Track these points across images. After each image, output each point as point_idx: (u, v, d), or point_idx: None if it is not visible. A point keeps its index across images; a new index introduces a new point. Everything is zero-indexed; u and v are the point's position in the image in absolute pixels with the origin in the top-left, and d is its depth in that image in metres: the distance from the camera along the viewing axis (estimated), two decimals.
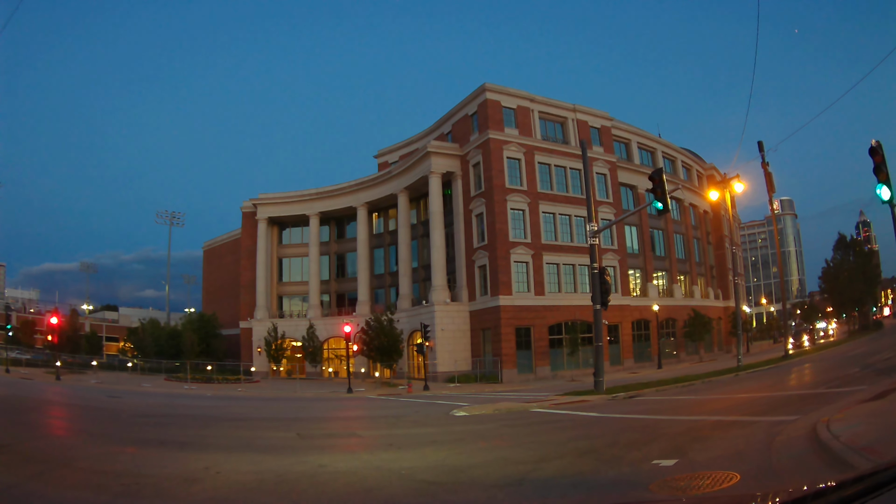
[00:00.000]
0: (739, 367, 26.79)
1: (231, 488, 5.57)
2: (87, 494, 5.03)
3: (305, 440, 9.93)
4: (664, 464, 5.97)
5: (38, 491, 5.14)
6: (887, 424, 7.17)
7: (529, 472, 5.89)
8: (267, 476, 5.98)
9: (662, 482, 5.00)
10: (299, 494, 5.34)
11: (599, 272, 19.57)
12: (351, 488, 5.63)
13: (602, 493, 4.90)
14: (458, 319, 39.77)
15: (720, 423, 9.22)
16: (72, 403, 17.90)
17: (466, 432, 10.39)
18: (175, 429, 11.30)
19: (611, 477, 5.60)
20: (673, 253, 50.18)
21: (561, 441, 8.03)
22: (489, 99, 39.95)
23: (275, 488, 5.47)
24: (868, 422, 7.58)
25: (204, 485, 5.61)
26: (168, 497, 5.00)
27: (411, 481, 5.83)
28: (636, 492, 4.81)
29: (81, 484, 5.55)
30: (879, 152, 13.15)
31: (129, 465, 6.63)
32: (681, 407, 12.96)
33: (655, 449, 6.94)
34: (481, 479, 5.75)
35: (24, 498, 4.84)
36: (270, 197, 52.95)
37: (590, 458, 6.75)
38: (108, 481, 5.62)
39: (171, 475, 6.08)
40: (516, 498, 4.87)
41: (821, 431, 6.62)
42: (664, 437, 7.92)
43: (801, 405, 10.36)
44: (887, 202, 13.38)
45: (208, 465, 6.52)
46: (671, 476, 5.30)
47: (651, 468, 5.85)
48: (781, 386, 16.03)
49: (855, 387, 12.60)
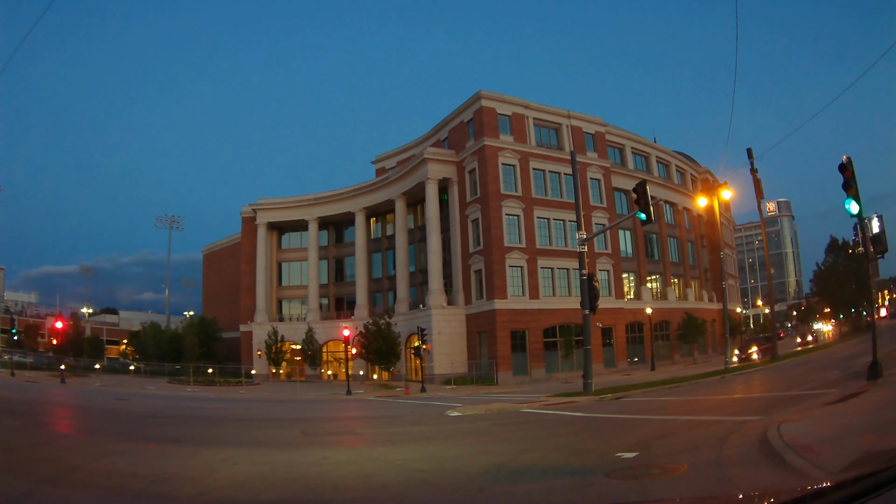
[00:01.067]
0: (727, 370, 27.60)
1: (248, 475, 6.41)
2: (123, 482, 5.85)
3: (309, 437, 10.78)
4: (626, 456, 6.83)
5: (81, 480, 5.95)
6: (832, 426, 7.96)
7: (508, 462, 6.77)
8: (278, 466, 6.87)
9: (618, 470, 5.85)
10: (307, 480, 6.19)
11: (588, 278, 20.42)
12: (351, 475, 6.48)
13: (564, 478, 5.74)
14: (455, 323, 40.60)
15: (689, 423, 10.06)
16: (82, 405, 18.68)
17: (458, 430, 11.23)
18: (187, 428, 12.15)
19: (576, 466, 6.46)
20: (667, 256, 51.07)
21: (541, 437, 8.87)
22: (484, 106, 40.82)
23: (286, 475, 6.33)
24: (817, 423, 8.38)
25: (224, 473, 6.46)
26: (196, 482, 5.83)
27: (404, 469, 6.69)
28: (596, 477, 5.64)
29: (115, 473, 6.36)
30: (849, 168, 13.95)
31: (154, 459, 7.45)
32: (661, 407, 13.79)
33: (623, 444, 7.78)
34: (465, 468, 6.60)
35: (71, 485, 5.65)
36: (270, 202, 53.82)
37: (563, 451, 7.60)
38: (139, 471, 6.45)
39: (194, 466, 6.90)
40: (492, 482, 5.73)
41: (770, 430, 7.42)
42: (635, 434, 8.78)
43: (770, 407, 11.17)
44: (855, 216, 14.24)
45: (225, 457, 7.39)
46: (627, 465, 6.15)
47: (614, 459, 6.69)
48: (760, 388, 16.87)
49: (827, 390, 13.37)
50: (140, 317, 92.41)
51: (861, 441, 6.26)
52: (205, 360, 50.72)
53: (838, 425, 8.01)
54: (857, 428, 7.35)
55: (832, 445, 6.27)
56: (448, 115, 45.55)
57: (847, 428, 7.43)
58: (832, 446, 6.21)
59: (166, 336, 57.12)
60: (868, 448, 5.80)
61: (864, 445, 5.98)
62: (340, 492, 5.64)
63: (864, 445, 5.98)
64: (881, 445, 6.02)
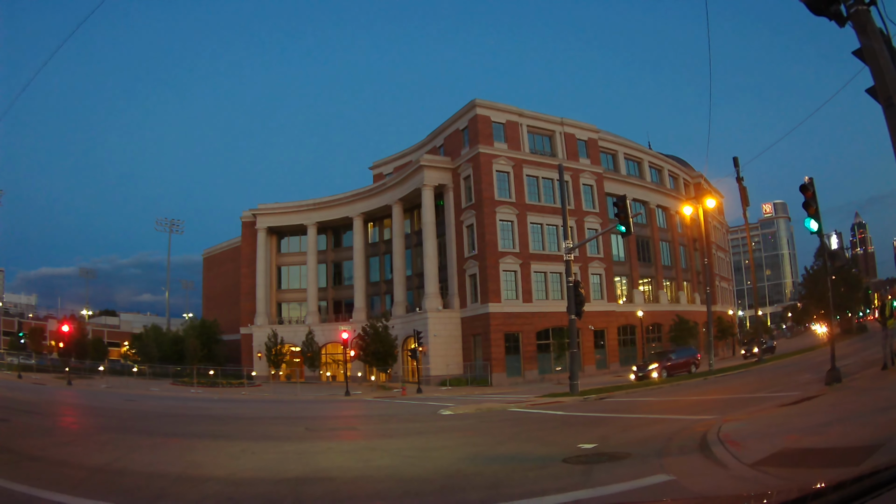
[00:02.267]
0: (710, 372, 28.79)
1: (266, 461, 7.61)
2: (161, 468, 6.97)
3: (313, 432, 11.99)
4: (586, 447, 8.02)
5: (125, 468, 7.10)
6: (767, 426, 8.93)
7: (485, 451, 8.02)
8: (290, 454, 8.10)
9: (574, 457, 7.04)
10: (316, 463, 7.41)
11: (574, 285, 21.60)
12: (352, 459, 7.76)
13: (528, 463, 6.94)
14: (451, 326, 41.76)
15: (652, 420, 11.26)
16: (96, 406, 19.78)
17: (447, 426, 12.42)
18: (201, 425, 13.34)
19: (542, 454, 7.66)
20: (659, 260, 52.29)
21: (519, 432, 10.05)
22: (479, 114, 41.99)
23: (297, 461, 7.52)
24: (756, 423, 9.41)
25: (246, 460, 7.65)
26: (224, 467, 6.99)
27: (397, 456, 7.94)
28: (554, 462, 6.81)
29: (152, 463, 7.48)
30: (810, 189, 15.09)
31: (181, 451, 8.59)
32: (635, 407, 14.96)
33: (587, 437, 8.95)
34: (448, 455, 7.82)
35: (119, 473, 6.79)
36: (269, 207, 54.98)
37: (534, 442, 8.82)
38: (172, 460, 7.59)
39: (218, 456, 8.07)
40: (468, 464, 6.93)
41: (713, 428, 8.50)
42: (600, 430, 9.97)
43: (730, 407, 12.28)
44: (815, 232, 15.39)
45: (243, 448, 8.63)
46: (583, 454, 7.35)
47: (575, 449, 7.87)
48: (732, 390, 18.02)
49: (790, 392, 14.43)
50: (140, 319, 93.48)
51: (784, 440, 7.19)
52: (206, 362, 51.70)
53: (773, 425, 8.83)
54: (788, 428, 8.27)
55: (757, 442, 7.20)
56: (444, 123, 46.73)
57: (779, 428, 8.41)
58: (756, 442, 7.14)
59: (168, 338, 58.15)
60: (786, 446, 6.74)
61: (784, 443, 6.87)
62: (344, 471, 6.85)
63: (784, 443, 6.87)
64: (799, 444, 6.83)
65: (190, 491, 5.63)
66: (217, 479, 6.17)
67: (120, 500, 5.24)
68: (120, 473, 6.56)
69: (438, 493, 5.48)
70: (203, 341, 54.18)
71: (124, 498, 5.33)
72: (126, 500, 5.26)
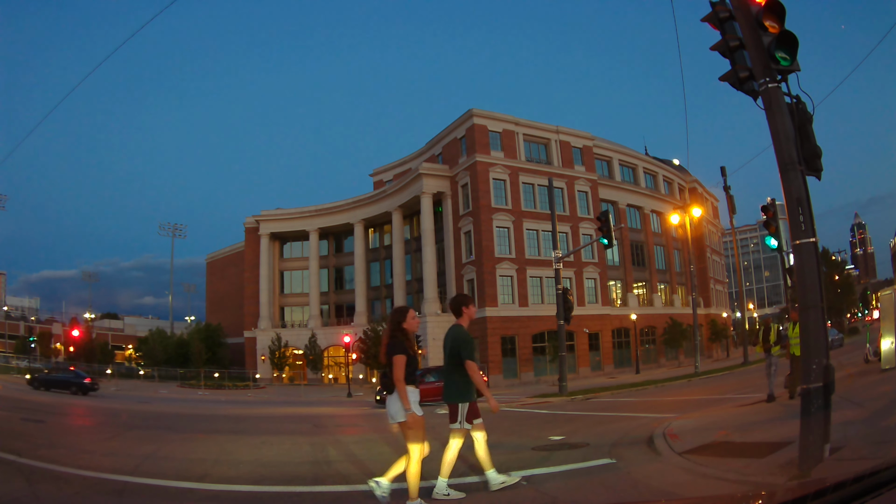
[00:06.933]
0: (696, 374, 30.07)
1: (283, 450, 9.05)
2: (197, 456, 8.33)
3: (321, 428, 13.38)
4: (554, 438, 9.40)
5: (167, 455, 8.49)
6: (708, 423, 9.86)
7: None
8: (303, 444, 9.55)
9: (541, 446, 8.42)
10: (327, 452, 8.79)
11: (563, 293, 22.95)
12: (358, 448, 9.13)
13: (502, 449, 8.30)
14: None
15: (622, 418, 12.60)
16: (115, 408, 21.13)
17: (441, 423, 13.76)
18: (218, 423, 14.75)
19: (516, 443, 9.02)
20: (653, 264, 53.59)
21: (502, 427, 11.36)
22: (476, 124, 43.35)
23: (311, 450, 8.93)
24: (701, 420, 10.46)
25: (266, 449, 9.07)
26: (250, 455, 8.41)
27: (397, 445, 9.23)
28: (524, 450, 8.18)
29: (186, 453, 8.84)
30: (771, 209, 16.34)
31: (208, 445, 9.97)
32: (614, 407, 16.30)
33: (559, 431, 10.33)
34: (439, 445, 9.14)
35: (164, 459, 8.16)
36: (272, 213, 56.46)
37: (513, 435, 10.20)
38: (205, 450, 8.99)
39: (241, 447, 9.48)
40: None
41: (663, 424, 9.79)
42: (573, 425, 11.35)
43: (692, 408, 13.42)
44: (776, 249, 16.64)
45: (262, 441, 10.07)
46: (550, 444, 8.73)
47: (545, 440, 9.25)
48: (707, 391, 19.34)
49: (754, 394, 15.64)
50: (143, 322, 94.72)
51: (715, 434, 8.23)
52: (210, 364, 53.13)
53: (715, 423, 9.81)
54: (723, 425, 9.19)
55: (692, 436, 8.26)
56: (442, 131, 48.12)
57: (717, 425, 9.41)
58: (692, 436, 8.23)
59: (173, 342, 59.58)
60: (714, 440, 7.83)
61: (713, 438, 7.96)
62: (351, 456, 8.23)
63: (713, 438, 7.96)
64: (725, 439, 7.88)
65: (228, 470, 7.04)
66: (248, 462, 7.58)
67: (178, 476, 6.61)
68: (166, 459, 7.95)
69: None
70: (208, 345, 55.64)
71: (180, 475, 6.69)
72: (183, 476, 6.61)
